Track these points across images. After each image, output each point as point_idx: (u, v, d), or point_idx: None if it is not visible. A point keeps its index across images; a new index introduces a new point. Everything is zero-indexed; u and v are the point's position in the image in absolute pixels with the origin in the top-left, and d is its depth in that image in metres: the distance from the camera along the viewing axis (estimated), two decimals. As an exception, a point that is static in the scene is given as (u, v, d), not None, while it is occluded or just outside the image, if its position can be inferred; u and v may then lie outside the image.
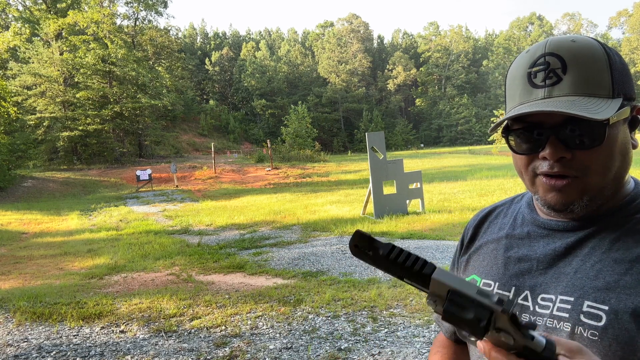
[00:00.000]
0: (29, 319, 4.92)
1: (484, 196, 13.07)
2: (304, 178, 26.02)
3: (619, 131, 0.68)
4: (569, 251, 0.72)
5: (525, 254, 0.77)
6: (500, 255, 0.81)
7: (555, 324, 0.68)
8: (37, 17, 38.84)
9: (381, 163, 10.53)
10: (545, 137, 0.68)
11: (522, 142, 0.71)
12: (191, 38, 78.74)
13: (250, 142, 61.49)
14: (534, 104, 0.68)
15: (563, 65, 0.67)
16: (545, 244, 0.75)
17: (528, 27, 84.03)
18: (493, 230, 0.87)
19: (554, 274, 0.71)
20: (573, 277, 0.69)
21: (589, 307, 0.65)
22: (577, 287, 0.68)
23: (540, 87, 0.68)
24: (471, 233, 0.92)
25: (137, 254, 8.64)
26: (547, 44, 0.69)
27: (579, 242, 0.71)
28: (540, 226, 0.78)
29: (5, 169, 24.48)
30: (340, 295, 5.14)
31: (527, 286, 0.74)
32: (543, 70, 0.68)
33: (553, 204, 0.70)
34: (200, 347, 4.01)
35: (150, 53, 49.82)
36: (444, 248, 7.36)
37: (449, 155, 39.42)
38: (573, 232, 0.73)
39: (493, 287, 0.79)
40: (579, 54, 0.67)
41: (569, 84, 0.66)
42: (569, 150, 0.67)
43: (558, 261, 0.72)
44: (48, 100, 36.60)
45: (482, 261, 0.84)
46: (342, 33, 78.03)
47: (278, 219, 11.90)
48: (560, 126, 0.67)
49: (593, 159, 0.67)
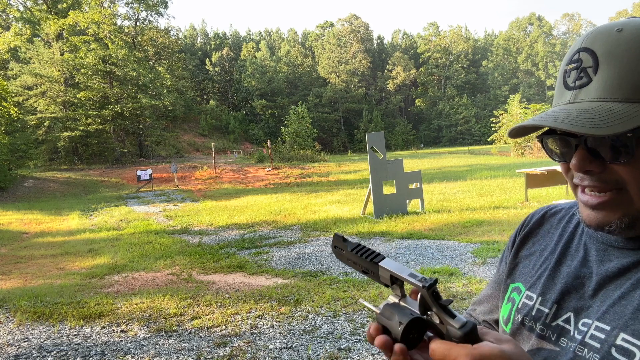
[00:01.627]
0: (29, 318, 4.94)
1: (483, 196, 13.08)
2: (304, 178, 26.03)
3: None
4: (623, 273, 0.62)
5: (579, 270, 0.68)
6: (550, 266, 0.73)
7: (585, 353, 0.60)
8: (37, 18, 38.88)
9: (381, 163, 10.54)
10: (574, 145, 0.60)
11: (553, 148, 0.64)
12: (191, 38, 78.77)
13: (251, 142, 61.51)
14: (552, 112, 0.60)
15: (595, 63, 0.57)
16: (601, 262, 0.66)
17: (527, 27, 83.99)
18: (552, 236, 0.77)
19: (602, 298, 0.62)
20: (617, 303, 0.60)
21: (623, 340, 0.57)
22: (617, 315, 0.59)
23: (570, 89, 0.60)
24: (525, 232, 0.82)
25: (138, 253, 8.65)
26: (587, 36, 0.60)
27: (635, 263, 0.61)
28: (599, 240, 0.68)
29: (6, 169, 24.50)
30: (340, 295, 5.15)
31: (571, 307, 0.66)
32: (576, 68, 0.60)
33: (588, 222, 0.63)
34: (200, 346, 4.02)
35: (150, 53, 49.86)
36: (444, 248, 7.37)
37: (449, 156, 39.43)
38: (633, 251, 0.63)
39: (535, 302, 0.71)
40: (618, 48, 0.56)
41: (597, 87, 0.57)
42: (599, 163, 0.59)
43: (609, 283, 0.63)
44: (49, 100, 36.62)
45: (530, 269, 0.76)
46: (342, 33, 78.04)
47: (278, 218, 11.91)
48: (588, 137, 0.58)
49: (629, 173, 0.57)
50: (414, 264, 6.52)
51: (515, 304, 0.74)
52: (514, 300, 0.75)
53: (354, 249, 0.64)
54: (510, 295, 0.76)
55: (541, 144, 0.66)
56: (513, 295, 0.76)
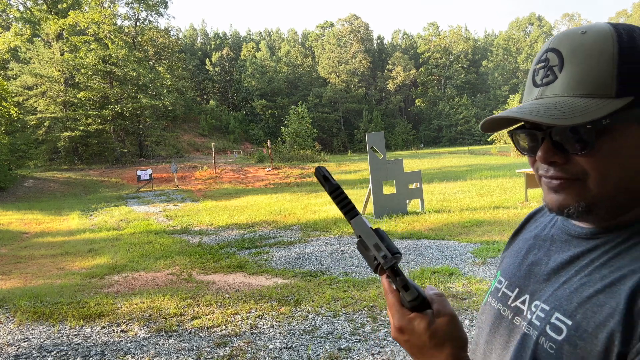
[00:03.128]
0: (29, 318, 4.94)
1: (483, 196, 13.08)
2: (304, 178, 26.03)
3: (627, 135, 0.60)
4: (572, 261, 0.69)
5: (541, 258, 0.75)
6: (521, 255, 0.80)
7: (531, 331, 0.68)
8: (37, 18, 38.88)
9: (381, 163, 10.55)
10: (541, 139, 0.65)
11: (522, 142, 0.69)
12: (191, 38, 78.77)
13: (251, 142, 61.50)
14: (521, 107, 0.65)
15: (561, 62, 0.62)
16: (560, 251, 0.72)
17: (527, 27, 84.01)
18: (530, 229, 0.86)
19: (553, 283, 0.70)
20: (560, 287, 0.67)
21: (556, 319, 0.64)
22: (557, 297, 0.66)
23: (538, 86, 0.65)
24: (517, 228, 0.91)
25: (138, 253, 8.66)
26: (555, 38, 0.65)
27: (584, 252, 0.68)
28: (564, 231, 0.74)
29: (6, 169, 24.50)
30: (340, 295, 5.16)
31: (529, 291, 0.73)
32: (543, 67, 0.65)
33: (550, 206, 0.68)
34: (200, 346, 4.03)
35: (150, 53, 49.88)
36: (444, 248, 7.38)
37: (449, 156, 39.42)
38: (586, 240, 0.69)
39: (503, 285, 0.79)
40: (581, 48, 0.61)
41: (562, 84, 0.62)
42: (563, 154, 0.63)
43: (561, 270, 0.70)
44: (49, 100, 36.61)
45: (509, 258, 0.84)
46: (342, 33, 78.04)
47: (278, 218, 11.91)
48: (553, 128, 0.63)
49: (590, 164, 0.62)
50: (414, 264, 6.53)
51: (491, 288, 0.85)
52: (491, 285, 0.85)
53: (333, 192, 0.71)
54: (492, 282, 0.87)
55: (512, 139, 0.72)
56: (493, 282, 0.86)
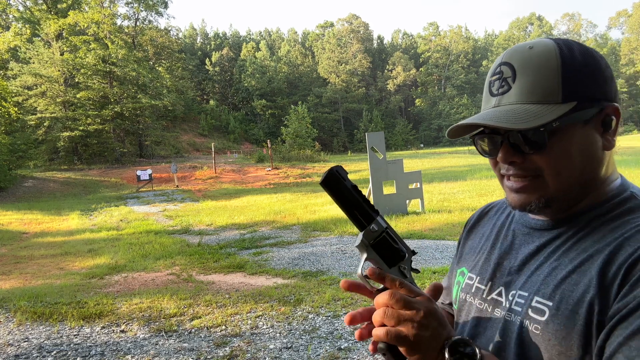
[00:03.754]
0: (29, 318, 4.94)
1: (483, 196, 13.07)
2: (304, 178, 26.03)
3: (574, 134, 0.68)
4: (539, 250, 0.75)
5: (507, 251, 0.81)
6: (486, 251, 0.86)
7: (512, 317, 0.73)
8: (37, 18, 38.87)
9: (381, 163, 10.54)
10: (499, 142, 0.72)
11: (483, 146, 0.76)
12: (191, 38, 78.74)
13: (251, 142, 61.48)
14: (481, 114, 0.72)
15: (513, 74, 0.70)
16: (525, 243, 0.79)
17: (528, 27, 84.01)
18: (487, 226, 0.92)
19: (525, 272, 0.75)
20: (533, 275, 0.73)
21: (537, 302, 0.69)
22: (533, 283, 0.72)
23: (494, 95, 0.72)
24: (468, 228, 0.98)
25: (138, 253, 8.65)
26: (506, 53, 0.72)
27: (548, 241, 0.75)
28: (524, 225, 0.81)
29: (6, 169, 24.50)
30: (340, 295, 5.15)
31: (502, 282, 0.78)
32: (498, 79, 0.72)
33: (513, 204, 0.75)
34: (200, 346, 4.02)
35: (150, 53, 49.86)
36: (444, 248, 7.37)
37: (449, 156, 39.42)
38: (548, 231, 0.76)
39: (474, 281, 0.84)
40: (530, 62, 0.69)
41: (516, 93, 0.69)
42: (520, 155, 0.70)
43: (530, 259, 0.76)
44: (48, 100, 36.61)
45: (472, 255, 0.90)
46: (342, 33, 78.03)
47: (278, 219, 11.91)
48: (511, 132, 0.70)
49: (544, 162, 0.69)
50: (414, 264, 6.50)
51: (460, 285, 0.88)
52: (460, 282, 0.89)
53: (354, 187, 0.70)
54: (457, 279, 0.91)
55: (474, 143, 0.78)
56: (459, 278, 0.90)
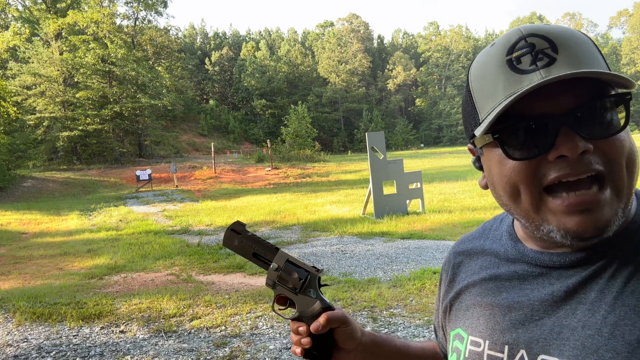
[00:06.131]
0: (28, 319, 4.92)
1: (483, 196, 13.06)
2: (304, 178, 26.02)
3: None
4: (571, 296, 0.55)
5: (516, 300, 0.60)
6: (486, 304, 0.64)
7: None
8: (36, 17, 38.85)
9: (381, 163, 10.52)
10: (552, 130, 0.51)
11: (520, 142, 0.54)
12: (191, 38, 78.73)
13: (250, 142, 61.47)
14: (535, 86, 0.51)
15: (552, 44, 0.53)
16: (541, 287, 0.59)
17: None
18: (474, 268, 0.70)
19: (554, 327, 0.55)
20: (582, 335, 0.52)
21: None
22: (589, 349, 0.51)
23: (530, 71, 0.53)
24: (449, 278, 0.76)
25: (137, 254, 8.63)
26: (522, 28, 0.56)
27: (582, 283, 0.55)
28: (530, 263, 0.61)
29: (5, 169, 24.48)
30: (340, 296, 5.14)
31: (522, 343, 0.58)
32: (528, 52, 0.54)
33: (582, 230, 0.52)
34: (200, 347, 4.00)
35: (150, 53, 49.81)
36: (444, 248, 7.36)
37: (449, 155, 39.41)
38: (573, 268, 0.56)
39: (483, 347, 0.62)
40: (563, 34, 0.54)
41: (567, 62, 0.52)
42: (589, 141, 0.51)
43: (558, 309, 0.56)
44: (48, 100, 36.59)
45: (465, 311, 0.68)
46: (342, 33, 78.03)
47: (278, 219, 11.89)
48: (571, 113, 0.51)
49: (618, 149, 0.51)
50: (414, 265, 6.50)
51: (461, 354, 0.66)
52: (459, 349, 0.67)
53: (251, 236, 0.83)
54: (453, 344, 0.69)
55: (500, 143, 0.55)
56: (456, 344, 0.68)
